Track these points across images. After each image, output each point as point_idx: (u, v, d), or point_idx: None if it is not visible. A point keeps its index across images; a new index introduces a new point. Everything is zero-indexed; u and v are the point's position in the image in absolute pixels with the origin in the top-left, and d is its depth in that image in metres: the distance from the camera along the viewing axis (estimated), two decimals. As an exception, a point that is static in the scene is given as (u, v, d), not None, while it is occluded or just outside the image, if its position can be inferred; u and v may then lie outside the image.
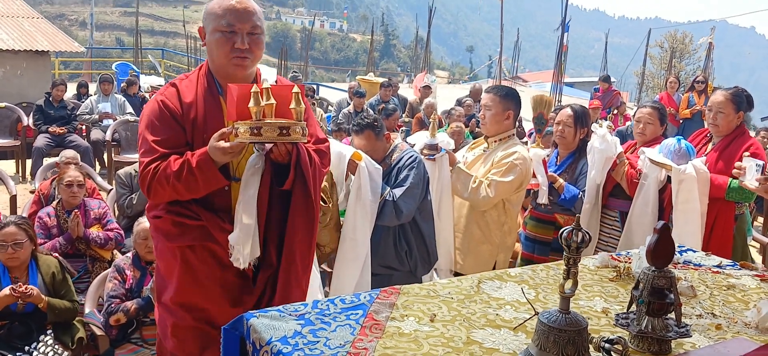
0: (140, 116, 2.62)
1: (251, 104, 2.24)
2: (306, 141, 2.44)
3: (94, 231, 4.60)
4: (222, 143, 2.31)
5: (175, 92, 2.56)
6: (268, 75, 2.39)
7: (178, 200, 2.48)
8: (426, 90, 11.92)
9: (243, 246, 2.41)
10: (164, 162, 2.41)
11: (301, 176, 2.48)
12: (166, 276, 2.65)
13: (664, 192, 3.98)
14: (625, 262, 2.50)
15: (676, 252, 2.21)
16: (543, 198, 4.18)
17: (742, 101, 3.94)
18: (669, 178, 3.88)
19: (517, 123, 4.10)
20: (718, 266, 2.61)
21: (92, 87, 11.55)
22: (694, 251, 2.81)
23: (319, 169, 2.62)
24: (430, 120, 4.25)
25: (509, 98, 3.88)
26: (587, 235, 1.57)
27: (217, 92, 2.56)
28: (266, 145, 2.40)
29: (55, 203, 4.74)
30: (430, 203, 3.81)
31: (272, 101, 2.26)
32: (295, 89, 2.32)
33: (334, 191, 3.64)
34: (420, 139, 4.01)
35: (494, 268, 3.92)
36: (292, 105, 2.30)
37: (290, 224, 2.52)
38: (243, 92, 2.28)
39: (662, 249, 1.77)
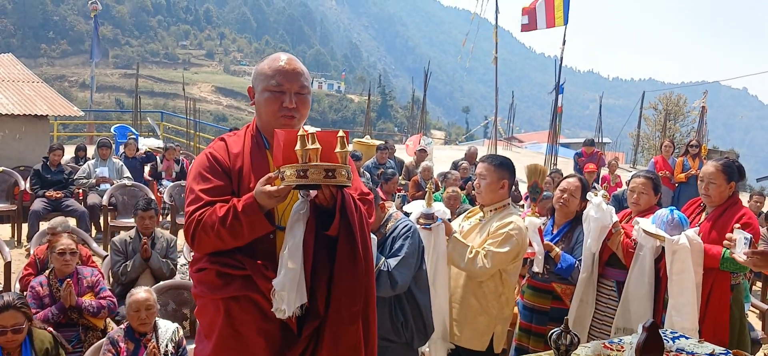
0: (189, 170, 2.68)
1: (297, 147, 2.25)
2: (350, 186, 2.43)
3: (87, 300, 4.56)
4: (268, 187, 2.32)
5: (223, 145, 2.63)
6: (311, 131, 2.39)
7: (223, 251, 2.47)
8: (421, 153, 11.99)
9: (288, 293, 2.36)
10: (210, 209, 2.42)
11: (346, 221, 2.44)
12: (206, 335, 2.60)
13: (661, 262, 3.97)
14: (618, 350, 2.47)
15: (668, 340, 2.20)
16: (538, 267, 4.18)
17: (733, 171, 3.98)
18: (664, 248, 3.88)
19: (513, 189, 4.11)
20: (711, 354, 2.59)
21: (90, 150, 11.61)
22: (687, 338, 2.79)
23: (365, 217, 2.59)
24: (427, 184, 4.27)
25: (504, 168, 3.91)
26: (576, 338, 1.57)
27: (263, 145, 2.62)
28: (311, 192, 2.39)
29: (47, 271, 4.71)
30: (425, 272, 3.78)
31: (317, 145, 2.27)
32: (340, 134, 2.33)
33: None
34: (416, 208, 4.01)
35: (492, 340, 3.88)
36: (337, 149, 2.31)
37: (337, 273, 2.46)
38: (289, 137, 2.30)
39: (651, 347, 1.77)
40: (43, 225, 7.44)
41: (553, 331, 1.59)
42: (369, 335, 2.57)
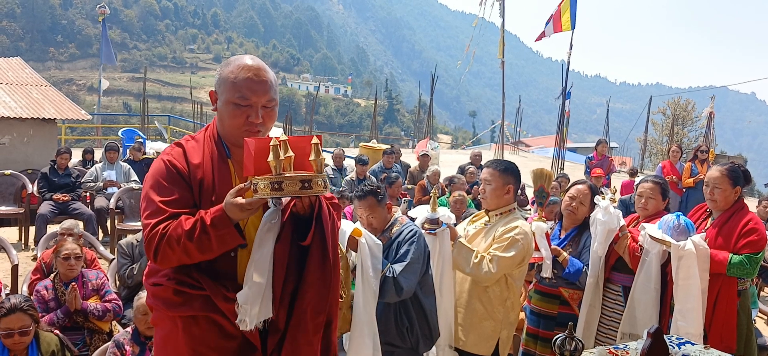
0: (145, 177, 2.46)
1: (270, 157, 2.13)
2: (327, 194, 2.32)
3: (92, 303, 4.57)
4: (239, 199, 2.18)
5: (181, 151, 2.45)
6: (276, 134, 2.34)
7: (180, 267, 2.34)
8: (424, 158, 11.97)
9: (251, 306, 2.27)
10: (174, 222, 2.26)
11: (320, 230, 2.38)
12: (164, 346, 2.49)
13: (668, 266, 3.95)
14: (623, 356, 2.46)
15: (674, 346, 2.18)
16: (547, 272, 4.16)
17: (738, 176, 3.97)
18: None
19: (519, 194, 4.09)
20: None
21: (98, 153, 11.65)
22: (693, 344, 2.76)
23: (335, 223, 2.52)
24: (433, 189, 4.25)
25: (508, 173, 3.90)
26: (580, 343, 1.56)
27: (225, 155, 2.47)
28: (283, 199, 2.29)
29: (52, 275, 4.72)
30: (430, 277, 3.77)
31: (290, 153, 2.16)
32: (315, 140, 2.22)
33: (349, 278, 3.55)
34: (421, 213, 4.00)
35: (497, 345, 3.86)
36: (312, 157, 2.20)
37: (304, 281, 2.38)
38: (261, 146, 2.17)
39: (655, 353, 1.75)
40: (51, 229, 7.47)
41: (557, 336, 1.58)
42: (330, 343, 2.54)
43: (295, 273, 2.39)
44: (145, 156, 11.15)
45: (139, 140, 13.61)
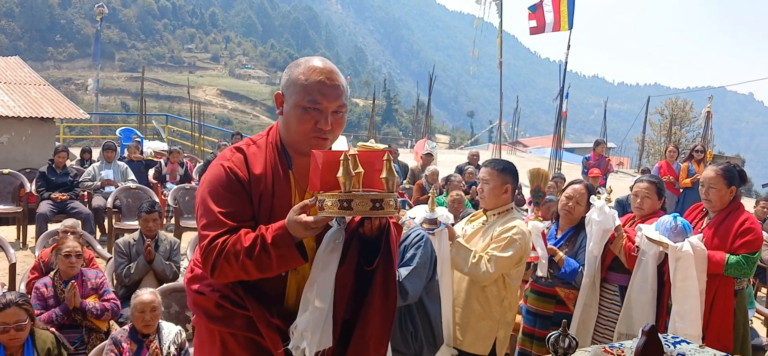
0: (201, 181, 2.32)
1: (340, 173, 1.98)
2: (396, 216, 2.18)
3: (91, 302, 4.58)
4: (303, 217, 2.02)
5: (242, 158, 2.29)
6: (341, 145, 2.37)
7: (225, 281, 2.23)
8: (428, 157, 12.00)
9: (312, 334, 2.10)
10: (233, 236, 2.13)
11: (387, 255, 2.23)
12: (201, 349, 2.41)
13: (664, 266, 3.96)
14: (619, 355, 2.47)
15: (669, 345, 2.19)
16: (542, 271, 4.18)
17: (733, 176, 3.98)
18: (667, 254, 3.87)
19: (516, 193, 4.11)
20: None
21: (96, 152, 11.64)
22: (689, 343, 2.78)
23: (396, 244, 2.37)
24: (432, 188, 4.26)
25: (507, 172, 3.91)
26: (574, 341, 1.57)
27: (287, 164, 2.31)
28: (346, 218, 2.17)
29: (52, 273, 4.73)
30: (437, 284, 3.75)
31: (360, 169, 2.01)
32: (386, 157, 2.07)
33: None
34: (419, 213, 4.00)
35: (494, 344, 3.87)
36: (383, 174, 2.05)
37: (368, 310, 2.24)
38: (329, 160, 2.03)
39: (650, 351, 1.76)
40: (50, 227, 7.47)
41: (551, 334, 1.59)
42: None
43: (354, 301, 2.26)
44: (142, 157, 11.16)
45: (137, 139, 13.62)
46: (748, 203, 11.26)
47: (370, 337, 2.25)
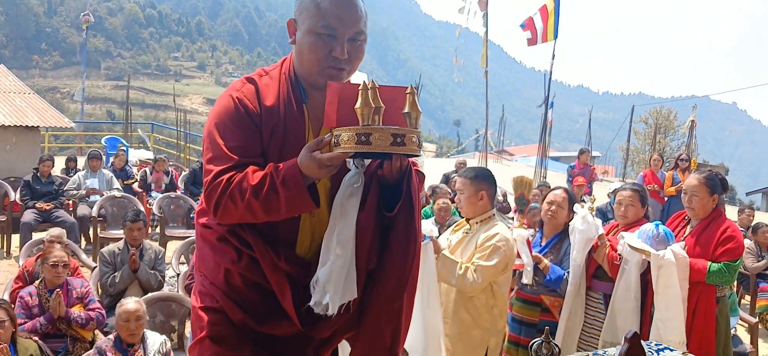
0: (209, 114, 2.15)
1: (359, 104, 1.81)
2: (420, 155, 1.97)
3: (76, 311, 4.56)
4: (318, 154, 1.85)
5: (253, 89, 2.11)
6: (359, 80, 2.03)
7: (229, 222, 2.06)
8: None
9: (334, 286, 1.95)
10: (240, 174, 1.96)
11: (409, 199, 2.06)
12: (207, 275, 2.22)
13: (648, 274, 3.99)
14: (601, 363, 2.49)
15: (653, 352, 2.22)
16: (528, 279, 4.19)
17: (715, 184, 4.02)
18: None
19: (501, 200, 4.12)
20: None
21: (81, 161, 11.57)
22: (672, 350, 2.81)
23: (419, 193, 2.20)
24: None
25: (480, 179, 3.88)
26: (557, 348, 1.59)
27: (301, 98, 2.13)
28: (366, 160, 1.99)
29: (37, 282, 4.71)
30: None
31: (381, 105, 1.83)
32: (409, 90, 1.90)
33: None
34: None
35: (486, 353, 3.87)
36: (406, 109, 1.88)
37: (387, 261, 2.09)
38: (347, 92, 1.86)
39: (632, 359, 1.78)
40: (34, 236, 7.42)
41: (533, 341, 1.61)
42: (402, 331, 2.21)
43: (379, 249, 2.09)
44: (127, 165, 11.11)
45: (123, 148, 13.56)
46: (732, 211, 11.37)
47: (387, 290, 2.09)
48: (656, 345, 2.79)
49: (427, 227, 3.90)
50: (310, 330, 2.10)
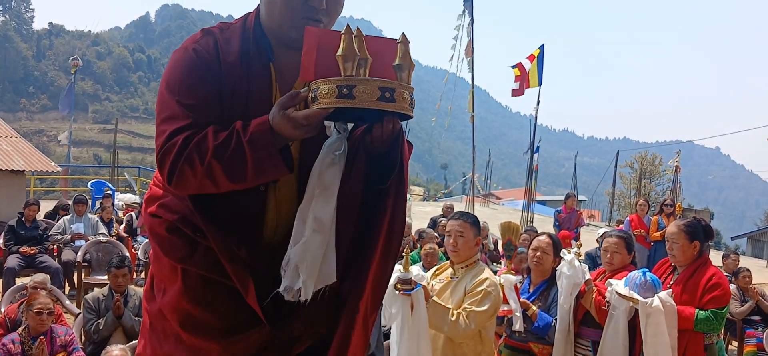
0: (165, 70, 1.83)
1: (340, 50, 1.53)
2: (412, 116, 1.66)
3: (59, 359, 4.49)
4: (291, 111, 1.56)
5: (211, 41, 1.82)
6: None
7: (187, 199, 1.77)
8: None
9: (309, 267, 1.63)
10: (199, 134, 1.67)
11: (400, 175, 1.77)
12: (161, 281, 1.94)
13: (636, 319, 4.00)
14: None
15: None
16: (518, 325, 4.18)
17: (697, 231, 4.04)
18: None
19: (492, 249, 4.13)
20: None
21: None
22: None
23: (407, 167, 1.87)
24: (405, 246, 4.26)
25: (476, 226, 3.94)
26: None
27: (267, 56, 1.84)
28: (349, 124, 1.72)
29: (20, 329, 4.64)
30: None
31: (368, 56, 1.57)
32: (401, 40, 1.61)
33: None
34: (393, 273, 3.99)
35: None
36: (397, 61, 1.59)
37: (372, 239, 1.76)
38: (328, 40, 1.59)
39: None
40: (18, 282, 7.32)
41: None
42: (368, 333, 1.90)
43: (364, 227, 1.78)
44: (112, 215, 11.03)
45: (109, 191, 13.48)
46: (717, 257, 11.42)
47: (373, 286, 1.79)
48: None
49: (418, 273, 3.89)
50: (278, 330, 1.79)
